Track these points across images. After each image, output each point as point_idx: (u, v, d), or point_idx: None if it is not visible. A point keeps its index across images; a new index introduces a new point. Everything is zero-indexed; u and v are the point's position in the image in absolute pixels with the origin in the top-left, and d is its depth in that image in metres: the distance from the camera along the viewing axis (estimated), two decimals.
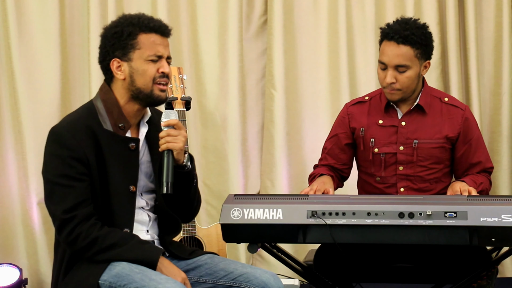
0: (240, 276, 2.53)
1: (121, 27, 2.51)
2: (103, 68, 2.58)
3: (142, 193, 2.62)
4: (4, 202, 4.47)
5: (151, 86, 2.52)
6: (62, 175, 2.45)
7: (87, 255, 2.45)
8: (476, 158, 3.13)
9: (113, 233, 2.47)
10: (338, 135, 3.23)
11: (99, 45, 2.58)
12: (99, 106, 2.56)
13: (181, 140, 2.52)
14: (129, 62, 2.51)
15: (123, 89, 2.55)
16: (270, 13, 4.54)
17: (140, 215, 2.61)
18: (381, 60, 3.04)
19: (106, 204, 2.50)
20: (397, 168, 3.12)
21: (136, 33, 2.50)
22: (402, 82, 3.02)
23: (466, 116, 3.12)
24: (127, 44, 2.50)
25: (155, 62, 2.52)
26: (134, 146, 2.56)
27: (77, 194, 2.45)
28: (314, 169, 3.29)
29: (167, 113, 2.55)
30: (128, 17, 2.54)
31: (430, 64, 3.10)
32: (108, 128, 2.52)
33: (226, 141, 4.58)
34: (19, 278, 4.14)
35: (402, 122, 3.12)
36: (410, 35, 2.97)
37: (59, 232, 2.47)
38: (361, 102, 3.23)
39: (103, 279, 2.42)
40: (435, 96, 3.16)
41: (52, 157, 2.48)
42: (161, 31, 2.54)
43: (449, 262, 2.86)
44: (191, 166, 2.61)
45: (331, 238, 2.54)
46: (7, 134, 4.47)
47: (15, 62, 4.41)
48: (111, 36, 2.52)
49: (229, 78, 4.55)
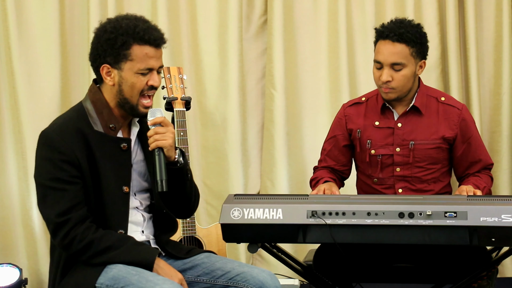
0: (237, 276, 2.53)
1: (115, 34, 2.47)
2: (94, 69, 2.56)
3: (135, 193, 2.61)
4: (4, 202, 4.47)
5: (137, 99, 2.51)
6: (54, 178, 2.44)
7: (82, 258, 2.45)
8: (477, 156, 3.13)
9: (108, 236, 2.46)
10: (337, 136, 3.23)
11: (91, 41, 2.55)
12: (88, 107, 2.54)
13: (170, 136, 2.51)
14: (119, 70, 2.49)
15: (111, 94, 2.54)
16: (270, 13, 4.54)
17: (135, 216, 2.60)
18: (376, 59, 3.05)
19: (99, 206, 2.49)
20: (394, 169, 3.12)
21: (130, 43, 2.47)
22: (398, 80, 3.02)
23: (463, 115, 3.12)
24: (120, 54, 2.47)
25: (145, 75, 2.50)
26: (126, 147, 2.55)
27: (70, 197, 2.44)
28: (314, 171, 3.29)
29: (152, 111, 2.53)
30: (124, 24, 2.48)
31: (425, 64, 3.10)
32: (98, 129, 2.51)
33: (226, 141, 4.58)
34: (19, 278, 4.14)
35: (398, 123, 3.12)
36: (405, 33, 2.99)
37: (53, 236, 2.46)
38: (357, 103, 3.24)
39: (99, 282, 2.41)
40: (431, 95, 3.16)
41: (44, 161, 2.47)
42: (156, 43, 2.50)
43: (449, 262, 2.86)
44: (183, 161, 2.59)
45: (331, 238, 2.54)
46: (7, 134, 4.47)
47: (15, 62, 4.40)
48: (104, 41, 2.48)
49: (229, 78, 4.55)
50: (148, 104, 2.53)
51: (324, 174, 3.18)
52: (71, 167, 2.44)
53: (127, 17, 2.53)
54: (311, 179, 3.24)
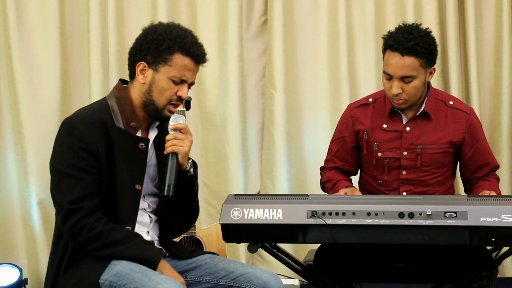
0: (240, 276, 2.53)
1: (164, 37, 2.52)
2: (130, 63, 2.59)
3: (145, 195, 2.63)
4: (4, 202, 4.47)
5: (164, 105, 2.55)
6: (72, 165, 2.45)
7: (89, 248, 2.45)
8: (485, 159, 3.14)
9: (117, 230, 2.47)
10: (344, 138, 3.21)
11: (137, 37, 2.59)
12: (112, 103, 2.57)
13: (187, 144, 2.54)
14: (154, 71, 2.54)
15: (140, 92, 2.57)
16: (270, 13, 4.54)
17: (142, 216, 2.61)
18: (385, 71, 3.00)
19: (111, 200, 2.51)
20: (400, 172, 3.12)
21: (174, 50, 2.52)
22: (409, 92, 2.99)
23: (471, 120, 3.11)
24: (161, 56, 2.52)
25: (177, 84, 2.54)
26: (144, 146, 2.57)
27: (85, 185, 2.45)
28: (322, 172, 3.28)
29: (175, 117, 2.57)
30: (175, 31, 2.54)
31: (435, 70, 3.06)
32: (120, 126, 2.54)
33: (226, 141, 4.58)
34: (19, 278, 4.15)
35: (407, 127, 3.11)
36: (414, 46, 2.92)
37: (63, 223, 2.46)
38: (364, 104, 3.21)
39: (103, 279, 2.41)
40: (440, 99, 3.13)
41: (63, 147, 2.49)
42: (197, 59, 2.56)
43: (449, 262, 2.85)
44: (193, 173, 2.62)
45: (331, 238, 2.54)
46: (7, 134, 4.47)
47: (15, 62, 4.40)
48: (151, 40, 2.53)
49: (229, 78, 4.55)
50: (174, 110, 2.58)
51: (337, 175, 3.18)
52: (90, 156, 2.46)
53: (179, 26, 2.60)
54: (324, 181, 3.23)
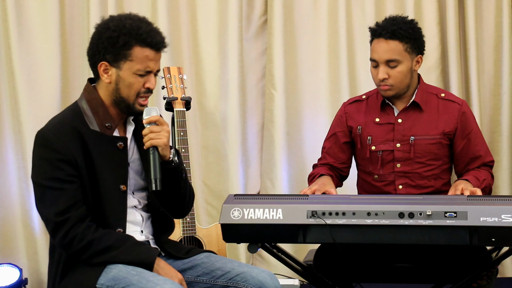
0: (237, 276, 2.52)
1: (118, 33, 2.47)
2: (91, 64, 2.57)
3: (133, 191, 2.61)
4: (4, 202, 4.47)
5: (134, 99, 2.52)
6: (52, 178, 2.43)
7: (82, 257, 2.44)
8: (476, 152, 3.13)
9: (108, 235, 2.46)
10: (337, 134, 3.24)
11: (91, 36, 2.55)
12: (84, 106, 2.55)
13: (165, 135, 2.51)
14: (117, 69, 2.50)
15: (108, 91, 2.54)
16: (270, 13, 4.54)
17: (133, 215, 2.59)
18: (372, 58, 3.08)
19: (97, 205, 2.49)
20: (395, 165, 3.13)
21: (132, 44, 2.47)
22: (395, 77, 3.04)
23: (463, 110, 3.13)
24: (120, 53, 2.48)
25: (143, 76, 2.51)
26: (122, 145, 2.55)
27: (69, 196, 2.43)
28: (313, 169, 3.29)
29: (147, 110, 2.53)
30: (128, 24, 2.49)
31: (422, 59, 3.12)
32: (94, 128, 2.51)
33: (226, 141, 4.58)
34: (19, 278, 4.15)
35: (399, 119, 3.13)
36: (397, 29, 3.02)
37: (53, 236, 2.45)
38: (358, 100, 3.26)
39: (100, 283, 2.41)
40: (431, 92, 3.17)
41: (41, 160, 2.46)
42: (157, 47, 2.51)
43: (449, 262, 2.86)
44: (178, 160, 2.59)
45: (331, 238, 2.54)
46: (7, 134, 4.47)
47: (15, 62, 4.41)
48: (106, 39, 2.49)
49: (229, 78, 4.55)
50: (144, 102, 2.54)
51: (323, 171, 3.18)
52: (68, 166, 2.44)
53: (130, 17, 2.54)
54: (309, 176, 3.25)
